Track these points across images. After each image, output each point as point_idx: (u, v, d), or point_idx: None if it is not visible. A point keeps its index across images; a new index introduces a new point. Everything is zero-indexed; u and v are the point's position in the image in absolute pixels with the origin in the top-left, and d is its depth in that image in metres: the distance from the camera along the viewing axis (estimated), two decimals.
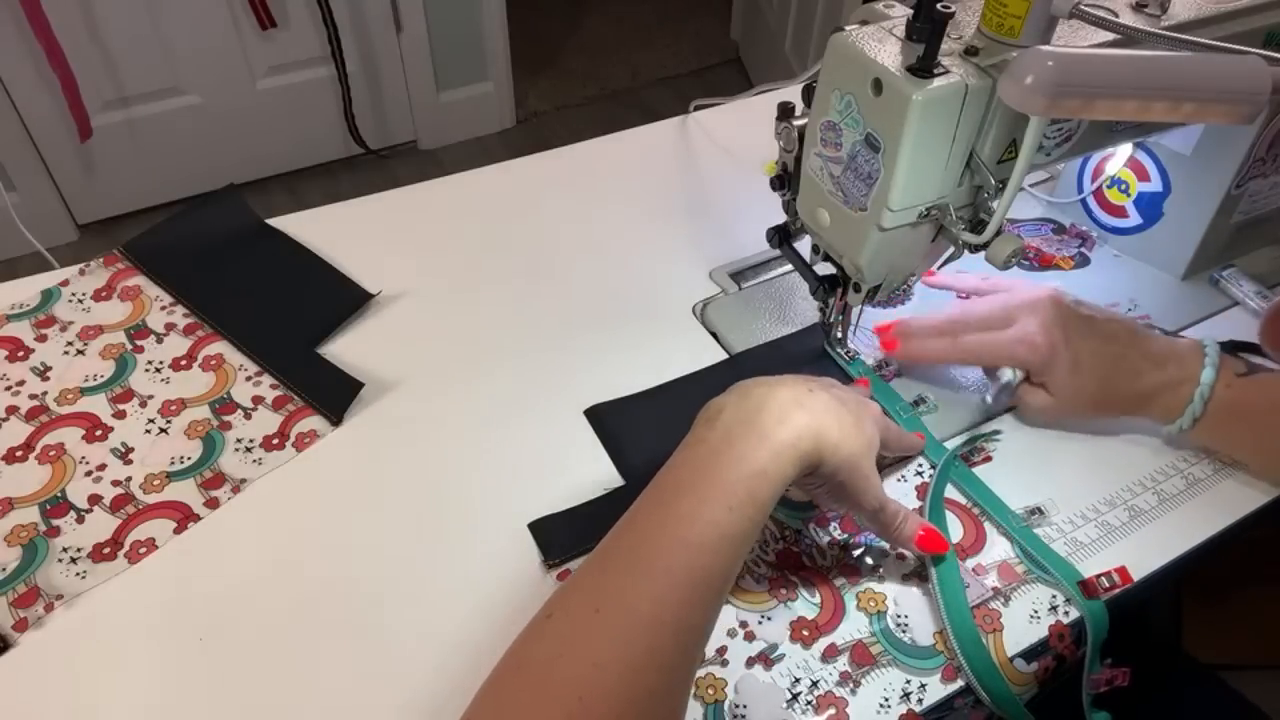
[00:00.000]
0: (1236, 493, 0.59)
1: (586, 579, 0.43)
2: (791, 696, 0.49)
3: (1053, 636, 0.51)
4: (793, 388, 0.47)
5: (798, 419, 0.45)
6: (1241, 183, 0.68)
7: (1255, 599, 0.88)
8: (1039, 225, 0.79)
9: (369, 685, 0.49)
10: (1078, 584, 0.52)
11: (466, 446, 0.62)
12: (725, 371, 0.66)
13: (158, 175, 1.97)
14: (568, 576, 0.45)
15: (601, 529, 0.51)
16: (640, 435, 0.61)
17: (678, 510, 0.43)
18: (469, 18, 2.08)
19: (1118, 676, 0.51)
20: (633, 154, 0.89)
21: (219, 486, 0.59)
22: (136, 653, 0.51)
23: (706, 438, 0.45)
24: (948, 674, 0.49)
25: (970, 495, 0.58)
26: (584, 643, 0.40)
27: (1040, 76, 0.43)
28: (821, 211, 0.58)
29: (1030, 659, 0.51)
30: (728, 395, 0.48)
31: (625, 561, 0.42)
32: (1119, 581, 0.52)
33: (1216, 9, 0.56)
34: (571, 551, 0.55)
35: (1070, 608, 0.52)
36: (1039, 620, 0.52)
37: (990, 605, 0.52)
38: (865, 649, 0.50)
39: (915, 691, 0.49)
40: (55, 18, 1.57)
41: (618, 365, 0.67)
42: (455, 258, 0.76)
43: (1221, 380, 0.56)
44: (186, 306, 0.70)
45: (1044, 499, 0.58)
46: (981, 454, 0.61)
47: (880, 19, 0.52)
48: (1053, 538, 0.56)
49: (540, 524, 0.56)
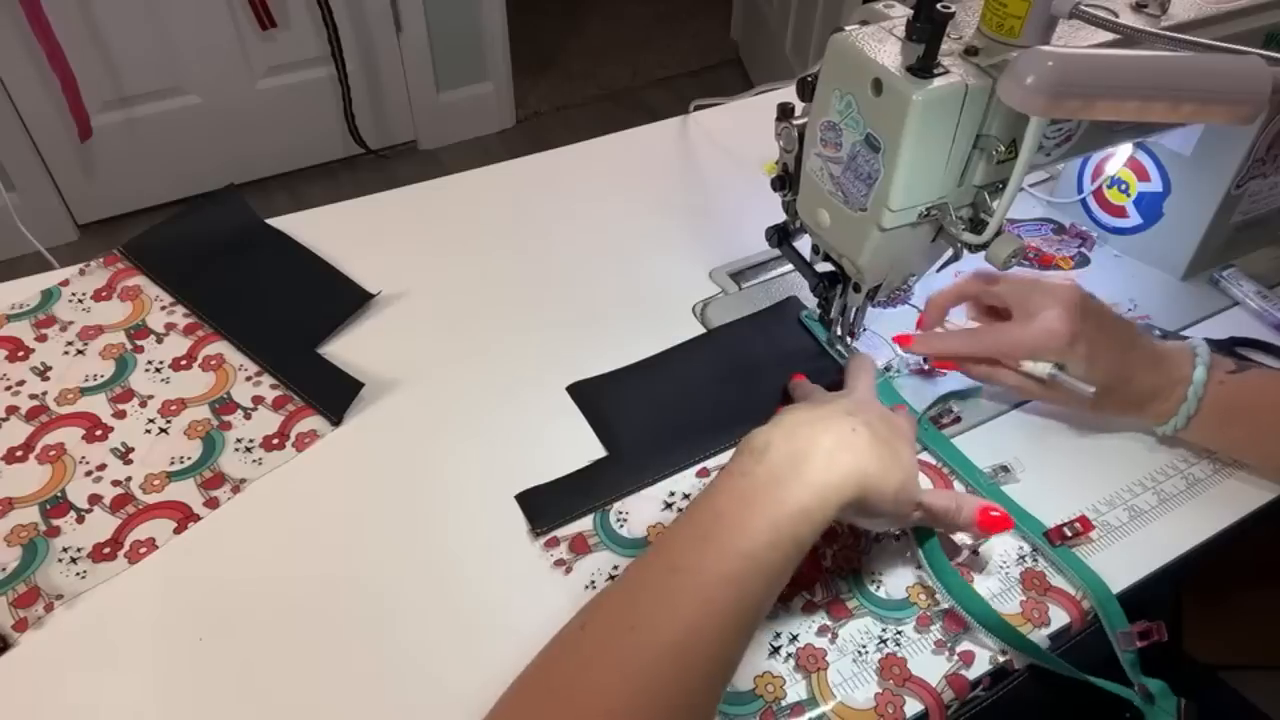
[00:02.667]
0: (1236, 493, 0.59)
1: (622, 597, 0.43)
2: (773, 649, 0.51)
3: (1026, 580, 0.54)
4: (838, 431, 0.47)
5: (844, 464, 0.45)
6: (1241, 183, 0.68)
7: (1255, 599, 0.88)
8: (1039, 225, 0.79)
9: (369, 684, 0.49)
10: (1043, 534, 0.55)
11: (467, 446, 0.61)
12: (703, 346, 0.68)
13: (158, 175, 1.97)
14: (596, 595, 0.45)
15: (585, 497, 0.55)
16: (622, 408, 0.64)
17: (719, 543, 0.43)
18: (469, 18, 2.08)
19: (1152, 630, 0.51)
20: (633, 154, 0.89)
21: (219, 486, 0.59)
22: (136, 653, 0.51)
23: (752, 472, 0.45)
24: (922, 621, 0.52)
25: (940, 456, 0.60)
26: (614, 657, 0.40)
27: (1040, 76, 0.43)
28: (821, 212, 0.58)
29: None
30: (774, 430, 0.47)
31: (662, 586, 0.42)
32: (1081, 530, 0.55)
33: (1216, 9, 0.56)
34: (557, 520, 0.57)
35: (1038, 556, 0.55)
36: (1008, 569, 0.55)
37: (959, 561, 0.55)
38: (842, 604, 0.53)
39: (892, 638, 0.51)
40: (55, 18, 1.57)
41: (618, 365, 0.67)
42: (455, 258, 0.76)
43: (1214, 378, 0.56)
44: (186, 306, 0.70)
45: (1045, 497, 0.58)
46: (950, 415, 0.63)
47: (880, 19, 0.52)
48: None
49: (527, 494, 0.58)
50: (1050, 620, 0.52)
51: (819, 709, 0.48)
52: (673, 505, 0.58)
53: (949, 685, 0.49)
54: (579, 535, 0.56)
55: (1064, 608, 0.53)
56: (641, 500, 0.58)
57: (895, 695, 0.48)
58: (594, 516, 0.57)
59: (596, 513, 0.57)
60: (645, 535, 0.56)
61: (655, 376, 0.66)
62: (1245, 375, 0.57)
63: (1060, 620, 0.52)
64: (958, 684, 0.49)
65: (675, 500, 0.58)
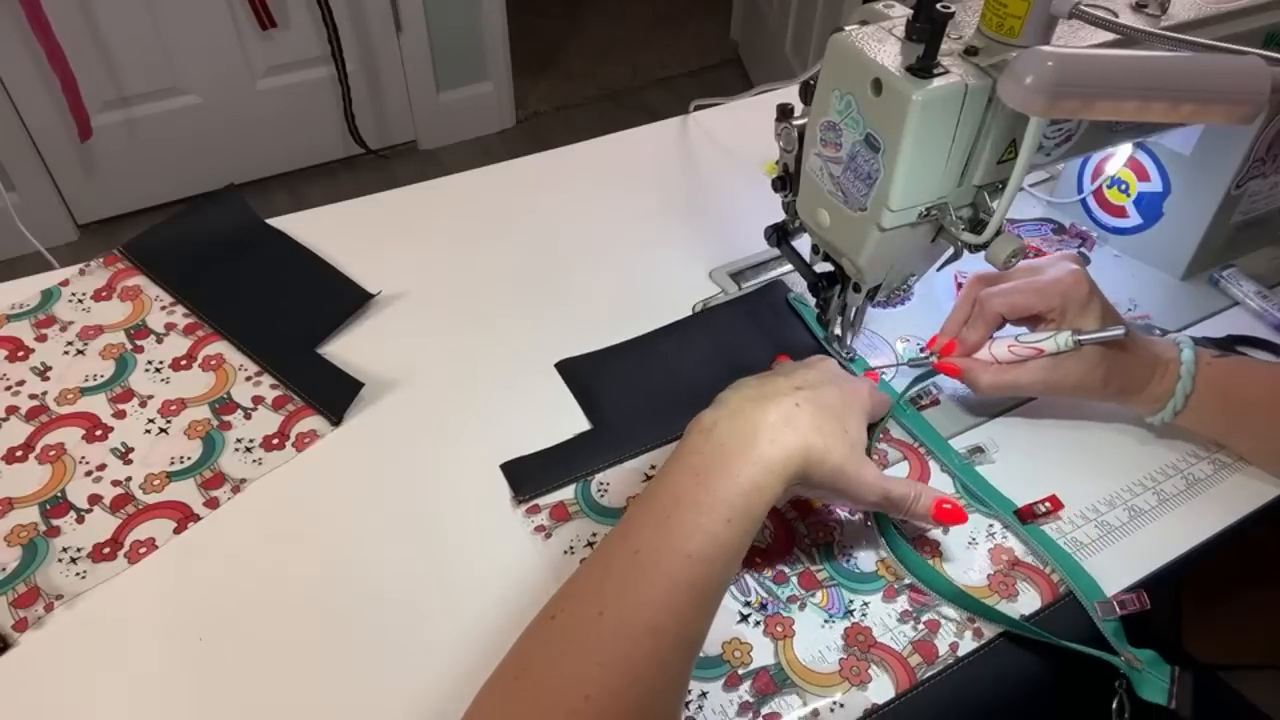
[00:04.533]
0: (1236, 493, 0.59)
1: (589, 583, 0.44)
2: (742, 617, 0.52)
3: (994, 557, 0.55)
4: (781, 407, 0.48)
5: (787, 439, 0.47)
6: (1241, 183, 0.68)
7: (1255, 599, 0.88)
8: (1039, 225, 0.79)
9: (369, 684, 0.49)
10: (1014, 512, 0.56)
11: (467, 446, 0.61)
12: (689, 326, 0.70)
13: (158, 175, 1.97)
14: (569, 579, 0.45)
15: (568, 467, 0.58)
16: (607, 384, 0.65)
17: (678, 522, 0.44)
18: (469, 18, 2.08)
19: (1132, 600, 0.51)
20: (633, 154, 0.89)
21: (219, 486, 0.59)
22: (136, 653, 0.51)
23: (701, 450, 0.47)
24: (889, 594, 0.53)
25: (916, 435, 0.61)
26: (588, 643, 0.41)
27: (1040, 76, 0.43)
28: (821, 212, 0.58)
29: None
30: (719, 410, 0.49)
31: (627, 569, 0.43)
32: (1050, 509, 0.56)
33: (1216, 9, 0.56)
34: (539, 489, 0.58)
35: (1008, 533, 0.56)
36: (976, 546, 0.56)
37: (929, 536, 0.56)
38: (812, 575, 0.54)
39: (859, 608, 0.52)
40: (55, 18, 1.57)
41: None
42: (455, 258, 0.76)
43: (1201, 359, 0.58)
44: (186, 306, 0.70)
45: (1045, 497, 0.58)
46: (929, 397, 0.64)
47: (880, 19, 0.52)
48: (1053, 537, 0.56)
49: (510, 464, 0.60)
50: (1018, 593, 0.53)
51: (785, 674, 0.49)
52: (652, 478, 0.58)
53: (915, 650, 0.50)
54: (559, 503, 0.58)
55: (1033, 582, 0.54)
56: (623, 472, 0.60)
57: (860, 660, 0.50)
58: (575, 486, 0.59)
59: (578, 482, 0.59)
60: (624, 505, 0.58)
61: (641, 355, 0.68)
62: (1226, 359, 0.59)
63: (1030, 595, 0.53)
64: (924, 650, 0.50)
65: (655, 473, 0.59)
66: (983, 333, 0.59)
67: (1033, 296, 0.57)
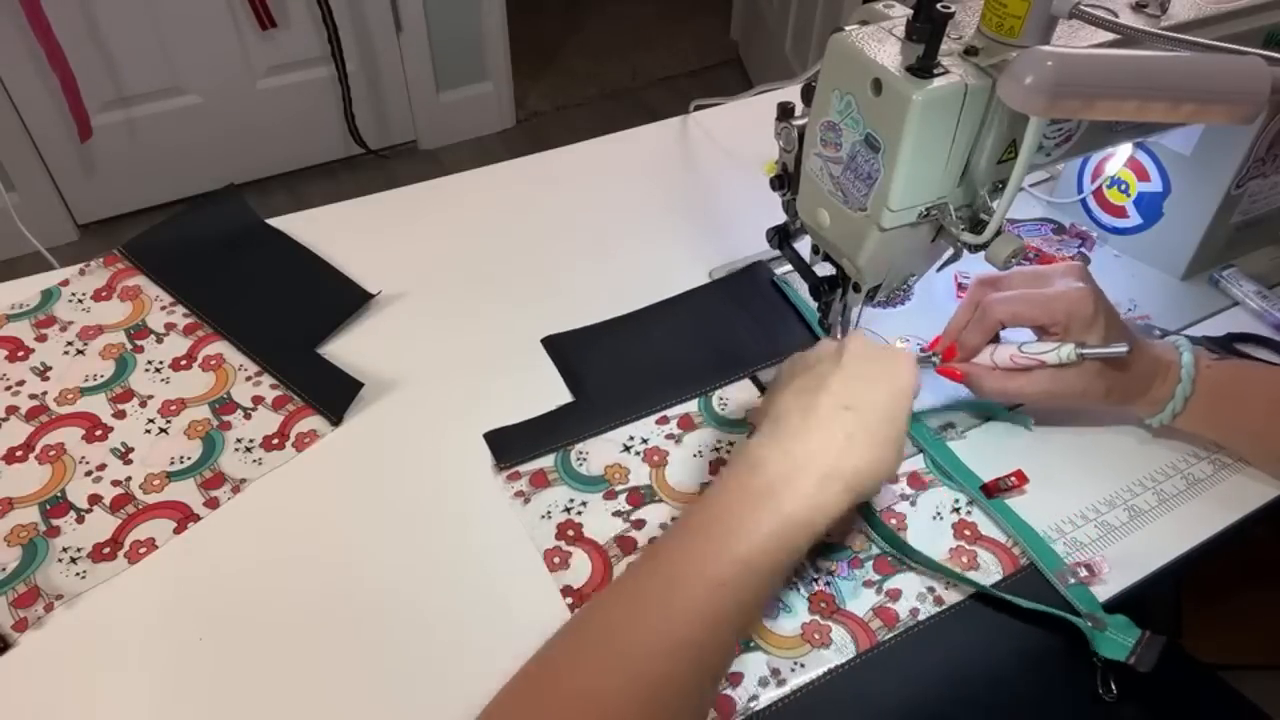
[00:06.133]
0: (1236, 493, 0.59)
1: (618, 603, 0.44)
2: None
3: (958, 530, 0.57)
4: (833, 444, 0.47)
5: (844, 468, 0.46)
6: (1241, 183, 0.68)
7: (1255, 599, 0.88)
8: (1039, 225, 0.79)
9: (369, 684, 0.49)
10: (980, 487, 0.58)
11: (467, 446, 0.61)
12: (674, 305, 0.72)
13: (158, 175, 1.97)
14: (589, 599, 0.45)
15: (549, 436, 0.61)
16: (590, 359, 0.67)
17: (715, 549, 0.44)
18: (469, 18, 2.08)
19: (1083, 567, 0.54)
20: (633, 154, 0.89)
21: (219, 486, 0.59)
22: (136, 653, 0.51)
23: (749, 484, 0.46)
24: (854, 564, 0.55)
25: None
26: (608, 658, 0.41)
27: (1040, 76, 0.43)
28: (821, 211, 0.58)
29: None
30: (770, 444, 0.48)
31: (659, 593, 0.43)
32: (1015, 483, 0.58)
33: (1216, 9, 0.56)
34: (521, 457, 0.60)
35: (972, 508, 0.58)
36: (941, 519, 0.57)
37: (895, 509, 0.58)
38: None
39: (824, 576, 0.55)
40: (55, 18, 1.57)
41: None
42: (455, 257, 0.76)
43: (1200, 362, 0.58)
44: (186, 306, 0.70)
45: (1047, 499, 0.58)
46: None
47: (880, 19, 0.52)
48: (1052, 538, 0.56)
49: (494, 433, 0.61)
50: (979, 565, 0.55)
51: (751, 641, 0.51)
52: (631, 449, 0.61)
53: (876, 615, 0.52)
54: (539, 470, 0.59)
55: (994, 554, 0.55)
56: (603, 442, 0.61)
57: (822, 625, 0.52)
58: (555, 455, 0.60)
59: (558, 451, 0.60)
60: (602, 474, 0.59)
61: (624, 332, 0.70)
62: (1225, 362, 0.60)
63: (991, 567, 0.55)
64: (885, 615, 0.52)
65: (634, 445, 0.61)
66: (982, 338, 0.59)
67: (1037, 308, 0.56)
